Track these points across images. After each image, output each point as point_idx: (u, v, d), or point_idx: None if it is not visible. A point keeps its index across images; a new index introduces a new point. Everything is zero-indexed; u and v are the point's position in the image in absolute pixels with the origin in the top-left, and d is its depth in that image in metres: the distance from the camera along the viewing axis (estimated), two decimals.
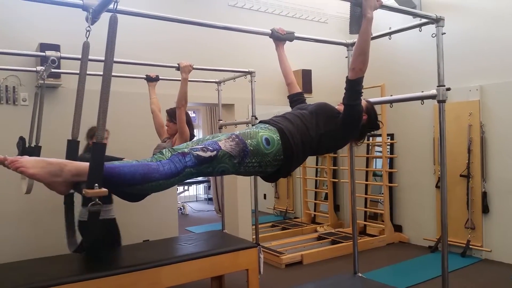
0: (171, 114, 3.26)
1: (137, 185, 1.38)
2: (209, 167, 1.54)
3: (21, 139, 2.82)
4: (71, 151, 1.52)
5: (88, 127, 3.42)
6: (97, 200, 1.26)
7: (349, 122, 1.89)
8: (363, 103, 1.99)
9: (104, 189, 1.25)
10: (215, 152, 1.54)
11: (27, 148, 2.84)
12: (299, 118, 1.85)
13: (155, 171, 1.40)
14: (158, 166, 1.42)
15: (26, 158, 1.25)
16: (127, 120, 4.35)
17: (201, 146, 1.54)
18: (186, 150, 1.51)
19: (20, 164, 1.22)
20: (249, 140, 1.63)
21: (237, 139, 1.62)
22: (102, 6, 1.50)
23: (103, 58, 2.54)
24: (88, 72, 1.60)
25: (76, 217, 1.58)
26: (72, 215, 1.44)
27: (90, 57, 1.58)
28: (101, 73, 1.33)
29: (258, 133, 1.69)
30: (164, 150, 1.52)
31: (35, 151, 2.79)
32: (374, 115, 2.11)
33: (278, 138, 1.71)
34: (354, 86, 1.85)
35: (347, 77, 1.87)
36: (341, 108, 1.94)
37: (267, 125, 1.80)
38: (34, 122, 2.93)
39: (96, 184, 1.24)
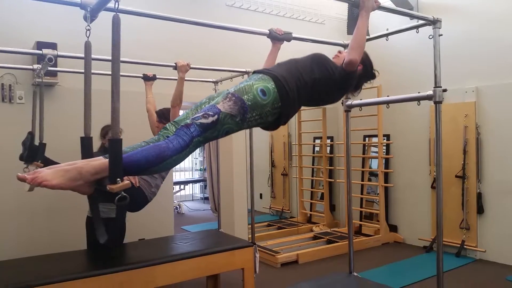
0: (161, 115, 3.28)
1: (153, 167, 1.41)
2: (214, 131, 1.56)
3: (30, 133, 2.82)
4: (85, 148, 1.55)
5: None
6: (123, 193, 1.30)
7: (344, 82, 1.90)
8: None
9: (127, 182, 1.29)
10: (216, 116, 1.55)
11: (33, 146, 2.83)
12: (292, 64, 1.85)
13: (166, 149, 1.43)
14: (168, 144, 1.45)
15: (45, 172, 1.27)
16: (123, 119, 4.33)
17: (201, 113, 1.55)
18: (188, 121, 1.53)
19: (41, 179, 1.25)
20: (245, 96, 1.63)
21: (233, 98, 1.61)
22: (100, 5, 1.51)
23: (101, 57, 2.53)
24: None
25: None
26: (97, 208, 1.47)
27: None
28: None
29: (253, 86, 1.68)
30: (167, 124, 1.56)
31: (39, 148, 2.79)
32: (369, 64, 2.08)
33: (274, 86, 1.71)
34: (349, 75, 1.87)
35: (341, 66, 1.86)
36: (336, 60, 1.94)
37: (261, 74, 1.78)
38: (35, 120, 2.94)
39: (118, 178, 1.28)
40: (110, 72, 1.31)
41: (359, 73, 1.98)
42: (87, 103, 1.54)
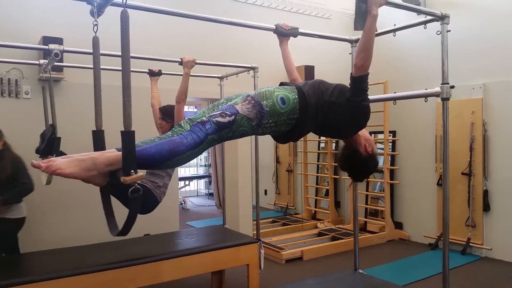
0: (164, 113, 3.21)
1: (166, 162, 1.42)
2: (230, 131, 1.57)
3: (52, 126, 2.82)
4: (97, 141, 1.57)
5: (91, 121, 3.41)
6: (137, 185, 1.31)
7: (351, 115, 1.86)
8: (373, 150, 1.99)
9: (140, 174, 1.31)
10: (233, 117, 1.56)
11: (52, 138, 2.82)
12: (317, 82, 1.87)
13: (180, 144, 1.43)
14: (181, 139, 1.45)
15: (59, 160, 1.28)
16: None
17: (219, 112, 1.56)
18: (204, 118, 1.54)
19: (55, 167, 1.25)
20: (264, 101, 1.65)
21: (253, 101, 1.63)
22: (107, 0, 1.50)
23: (107, 52, 2.51)
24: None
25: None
26: (109, 201, 1.47)
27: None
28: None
29: (274, 93, 1.69)
30: (182, 122, 1.56)
31: (55, 142, 2.80)
32: (374, 163, 2.08)
33: (295, 97, 1.72)
34: (357, 83, 1.84)
35: (351, 73, 1.86)
36: None
37: (285, 86, 1.82)
38: (47, 115, 2.95)
39: (132, 170, 1.28)
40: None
41: (364, 156, 1.97)
42: (98, 97, 1.55)
